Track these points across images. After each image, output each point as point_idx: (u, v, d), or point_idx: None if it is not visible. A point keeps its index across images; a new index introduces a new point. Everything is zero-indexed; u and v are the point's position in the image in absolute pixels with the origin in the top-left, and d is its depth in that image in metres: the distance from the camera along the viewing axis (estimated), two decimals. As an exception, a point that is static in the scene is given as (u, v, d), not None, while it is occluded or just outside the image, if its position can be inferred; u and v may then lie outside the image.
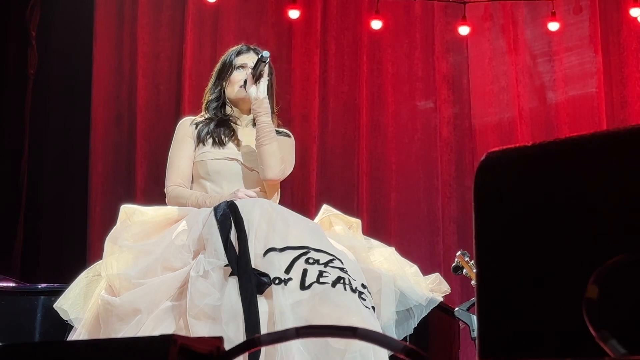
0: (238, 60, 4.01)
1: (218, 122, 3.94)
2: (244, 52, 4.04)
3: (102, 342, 1.62)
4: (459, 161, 7.03)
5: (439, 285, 3.75)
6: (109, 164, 6.87)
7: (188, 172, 3.88)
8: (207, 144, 3.87)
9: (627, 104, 6.89)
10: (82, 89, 6.86)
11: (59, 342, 3.12)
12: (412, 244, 6.74)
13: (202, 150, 3.87)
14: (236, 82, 3.96)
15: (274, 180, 3.84)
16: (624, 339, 1.10)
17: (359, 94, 7.07)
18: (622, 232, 1.21)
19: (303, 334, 1.14)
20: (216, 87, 4.04)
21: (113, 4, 7.05)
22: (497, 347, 1.28)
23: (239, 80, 3.96)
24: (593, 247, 1.22)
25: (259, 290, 3.09)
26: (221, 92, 4.02)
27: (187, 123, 4.00)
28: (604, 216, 1.23)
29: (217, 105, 4.00)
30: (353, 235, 3.71)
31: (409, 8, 7.22)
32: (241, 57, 4.02)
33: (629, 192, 1.21)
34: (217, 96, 4.02)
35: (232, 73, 3.99)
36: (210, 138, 3.88)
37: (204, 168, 3.84)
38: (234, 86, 3.97)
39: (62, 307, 3.41)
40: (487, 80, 7.08)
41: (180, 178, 3.86)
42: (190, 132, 3.94)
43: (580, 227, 1.24)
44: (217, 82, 4.04)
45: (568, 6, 7.07)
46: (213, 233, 3.23)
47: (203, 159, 3.85)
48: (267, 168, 3.78)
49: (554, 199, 1.28)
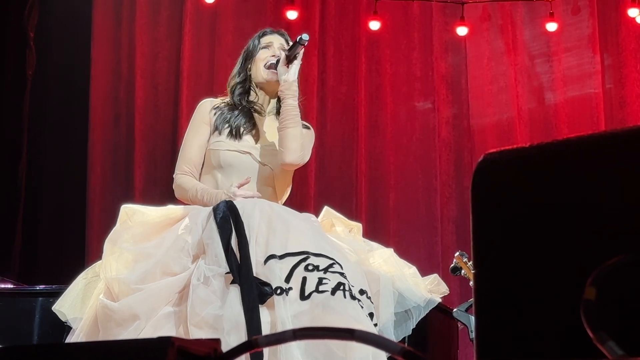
0: (263, 40, 3.95)
1: (241, 111, 3.87)
2: (269, 33, 3.99)
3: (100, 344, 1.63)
4: (457, 161, 7.03)
5: (437, 286, 3.74)
6: (107, 165, 6.87)
7: (198, 160, 3.83)
8: (223, 134, 3.79)
9: (625, 104, 6.89)
10: (80, 89, 6.86)
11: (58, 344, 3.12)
12: (411, 244, 6.74)
13: (217, 139, 3.80)
14: (261, 60, 3.89)
15: (293, 164, 3.76)
16: (621, 341, 1.10)
17: (357, 95, 7.07)
18: (620, 233, 1.21)
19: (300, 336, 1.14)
20: (242, 71, 3.95)
21: (111, 4, 7.05)
22: (495, 348, 1.28)
23: (264, 58, 3.88)
24: (591, 248, 1.22)
25: (261, 300, 3.08)
26: (247, 76, 3.93)
27: (207, 106, 3.92)
28: (601, 217, 1.23)
29: (242, 91, 3.92)
30: (354, 238, 3.70)
31: (407, 9, 7.22)
32: (266, 37, 3.96)
33: (628, 192, 1.21)
34: (242, 80, 3.93)
35: (257, 53, 3.92)
36: (228, 128, 3.81)
37: (217, 158, 3.77)
38: (259, 65, 3.89)
39: (61, 309, 3.40)
40: (485, 80, 7.08)
41: (189, 166, 3.81)
42: (208, 118, 3.86)
43: (578, 228, 1.24)
44: (243, 65, 3.96)
45: (566, 6, 7.07)
46: (213, 238, 3.21)
47: (217, 149, 3.78)
48: (287, 151, 3.70)
49: (551, 199, 1.28)
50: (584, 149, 1.28)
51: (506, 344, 1.27)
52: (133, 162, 6.82)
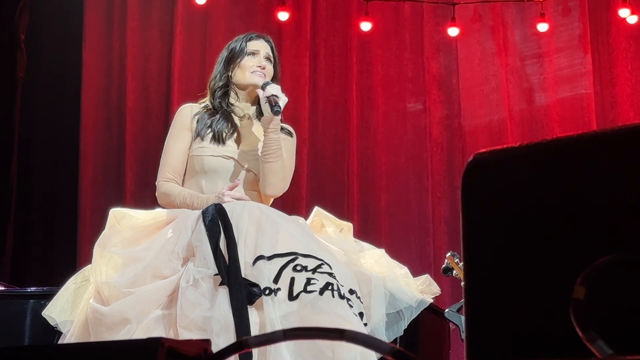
0: (250, 45, 3.92)
1: (221, 116, 3.84)
2: (255, 38, 3.96)
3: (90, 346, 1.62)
4: (449, 161, 7.03)
5: (429, 287, 3.74)
6: (99, 168, 6.86)
7: (181, 166, 3.81)
8: (206, 139, 3.77)
9: (616, 104, 6.91)
10: (71, 91, 6.85)
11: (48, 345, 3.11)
12: (403, 245, 6.74)
13: (200, 144, 3.78)
14: (247, 68, 3.87)
15: (273, 196, 3.81)
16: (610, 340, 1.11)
17: (348, 96, 7.07)
18: (610, 233, 1.21)
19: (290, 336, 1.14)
20: (223, 74, 3.92)
21: (102, 6, 7.04)
22: (485, 348, 1.28)
23: (250, 65, 3.87)
24: (581, 248, 1.22)
25: (249, 301, 3.08)
26: (228, 79, 3.91)
27: (188, 112, 3.89)
28: (592, 217, 1.23)
29: (222, 93, 3.90)
30: (344, 238, 3.70)
31: (399, 9, 7.23)
32: (253, 43, 3.93)
33: (618, 192, 1.21)
34: (224, 83, 3.91)
35: (243, 58, 3.90)
36: (210, 133, 3.79)
37: (200, 164, 3.76)
38: (245, 72, 3.87)
39: (51, 314, 3.39)
40: (477, 81, 7.09)
41: (172, 173, 3.79)
42: (189, 123, 3.85)
43: (568, 227, 1.25)
44: (226, 67, 3.93)
45: (557, 7, 7.08)
46: (202, 240, 3.21)
47: (200, 154, 3.76)
48: (268, 185, 3.72)
49: (541, 199, 1.28)
50: (574, 148, 1.28)
51: (496, 344, 1.27)
52: (124, 164, 6.81)
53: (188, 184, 3.80)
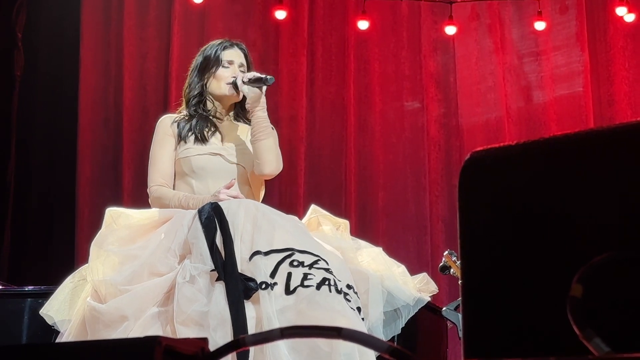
0: (225, 55, 3.94)
1: (199, 118, 3.87)
2: (229, 47, 3.97)
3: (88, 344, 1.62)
4: (446, 160, 7.03)
5: (426, 285, 3.75)
6: (96, 167, 6.85)
7: (170, 171, 3.84)
8: (189, 141, 3.82)
9: (614, 102, 6.91)
10: (69, 90, 6.84)
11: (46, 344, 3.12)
12: (400, 243, 6.75)
13: (185, 147, 3.82)
14: (223, 79, 3.90)
15: (271, 175, 3.82)
16: (608, 337, 1.11)
17: (346, 94, 7.07)
18: (607, 231, 1.21)
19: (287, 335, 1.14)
20: (198, 82, 3.94)
21: (99, 5, 7.03)
22: (482, 346, 1.28)
23: (226, 77, 3.89)
24: (578, 246, 1.22)
25: (246, 295, 3.09)
26: (203, 87, 3.93)
27: (167, 121, 3.93)
28: (589, 215, 1.23)
29: (198, 101, 3.92)
30: (341, 236, 3.70)
31: (396, 8, 7.22)
32: (227, 52, 3.94)
33: (615, 190, 1.21)
34: (199, 92, 3.93)
35: (218, 69, 3.92)
36: (192, 135, 3.82)
37: (188, 165, 3.79)
38: (220, 82, 3.90)
39: (48, 313, 3.40)
40: (474, 79, 7.09)
41: (163, 178, 3.81)
42: (171, 130, 3.88)
43: (565, 225, 1.24)
44: (199, 76, 3.95)
45: (554, 5, 7.08)
46: (198, 237, 3.22)
47: (186, 156, 3.80)
48: (265, 163, 3.75)
49: (539, 197, 1.28)
50: (571, 146, 1.28)
51: (494, 342, 1.27)
52: (122, 164, 6.80)
53: (179, 187, 3.82)
